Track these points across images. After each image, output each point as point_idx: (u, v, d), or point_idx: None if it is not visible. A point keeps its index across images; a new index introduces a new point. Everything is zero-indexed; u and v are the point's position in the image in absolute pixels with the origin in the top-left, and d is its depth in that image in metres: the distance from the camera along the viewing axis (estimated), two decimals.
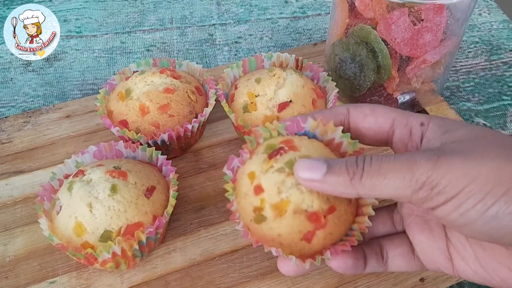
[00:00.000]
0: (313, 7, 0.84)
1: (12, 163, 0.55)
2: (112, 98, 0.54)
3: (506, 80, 0.68)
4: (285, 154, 0.34)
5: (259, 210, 0.33)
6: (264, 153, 0.35)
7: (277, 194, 0.32)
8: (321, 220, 0.32)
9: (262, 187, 0.33)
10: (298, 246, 0.33)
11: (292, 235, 0.32)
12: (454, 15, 0.52)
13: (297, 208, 0.32)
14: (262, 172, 0.33)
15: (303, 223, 0.32)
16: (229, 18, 0.81)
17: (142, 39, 0.77)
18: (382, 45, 0.52)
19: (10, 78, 0.70)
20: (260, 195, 0.33)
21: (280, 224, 0.32)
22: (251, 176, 0.34)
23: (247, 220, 0.33)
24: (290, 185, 0.32)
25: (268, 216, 0.32)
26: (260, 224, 0.33)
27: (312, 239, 0.33)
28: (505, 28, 0.78)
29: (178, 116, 0.52)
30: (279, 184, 0.32)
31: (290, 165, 0.33)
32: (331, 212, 0.33)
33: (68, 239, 0.41)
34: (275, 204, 0.32)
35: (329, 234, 0.33)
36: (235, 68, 0.57)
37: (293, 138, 0.35)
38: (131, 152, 0.49)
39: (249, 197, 0.33)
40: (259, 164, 0.34)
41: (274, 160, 0.33)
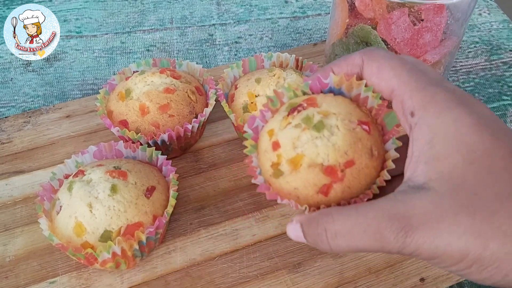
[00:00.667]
0: (313, 7, 0.84)
1: (12, 163, 0.55)
2: (112, 98, 0.54)
3: (506, 80, 0.68)
4: (304, 110, 0.34)
5: (277, 165, 0.33)
6: (285, 111, 0.35)
7: (292, 149, 0.33)
8: (338, 173, 0.32)
9: (279, 142, 0.33)
10: (314, 199, 0.33)
11: (307, 188, 0.32)
12: (454, 15, 0.52)
13: (312, 162, 0.32)
14: (280, 129, 0.34)
15: (318, 176, 0.32)
16: (229, 18, 0.81)
17: (142, 39, 0.77)
18: (382, 45, 0.52)
19: (10, 78, 0.70)
20: (277, 150, 0.33)
21: (296, 178, 0.32)
22: (270, 133, 0.34)
23: (267, 176, 0.34)
24: (305, 140, 0.32)
25: (285, 170, 0.33)
26: (278, 178, 0.33)
27: (329, 193, 0.32)
28: (505, 28, 0.78)
29: (178, 116, 0.52)
30: (294, 140, 0.33)
31: (306, 120, 0.33)
32: (349, 166, 0.32)
33: (68, 239, 0.41)
34: (291, 159, 0.32)
35: (347, 188, 0.32)
36: (235, 68, 0.57)
37: (317, 96, 0.35)
38: (131, 152, 0.49)
39: (267, 153, 0.34)
40: (278, 121, 0.34)
41: (292, 117, 0.34)
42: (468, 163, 0.26)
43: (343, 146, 0.32)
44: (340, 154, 0.32)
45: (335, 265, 0.46)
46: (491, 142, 0.26)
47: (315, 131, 0.33)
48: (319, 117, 0.33)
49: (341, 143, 0.32)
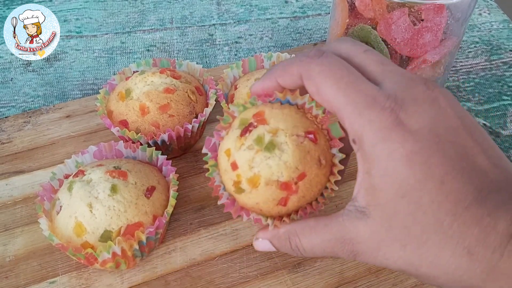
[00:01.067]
0: (313, 7, 0.84)
1: (12, 163, 0.55)
2: (112, 98, 0.54)
3: (506, 80, 0.68)
4: (254, 129, 0.37)
5: (238, 183, 0.36)
6: (238, 128, 0.38)
7: (249, 169, 0.36)
8: (292, 187, 0.36)
9: (237, 163, 0.36)
10: (275, 210, 0.37)
11: (268, 202, 0.36)
12: (454, 15, 0.52)
13: (268, 180, 0.35)
14: (236, 150, 0.37)
15: (275, 192, 0.36)
16: (229, 18, 0.81)
17: (142, 39, 0.77)
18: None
19: (10, 78, 0.70)
20: (236, 171, 0.36)
21: (257, 194, 0.36)
22: (228, 153, 0.37)
23: (230, 191, 0.37)
24: (259, 161, 0.35)
25: (246, 188, 0.36)
26: (241, 194, 0.37)
27: (287, 203, 0.36)
28: (505, 28, 0.78)
29: (178, 116, 0.51)
30: (250, 161, 0.36)
31: (258, 141, 0.36)
32: (301, 179, 0.36)
33: (68, 239, 0.41)
34: (249, 178, 0.36)
35: (302, 197, 0.36)
36: (235, 68, 0.57)
37: (265, 109, 0.37)
38: (131, 152, 0.49)
39: (228, 172, 0.37)
40: (233, 141, 0.37)
41: (245, 138, 0.37)
42: (400, 196, 0.28)
43: (293, 162, 0.35)
44: (292, 170, 0.35)
45: (335, 265, 0.46)
46: (422, 174, 0.28)
47: (267, 152, 0.36)
48: (269, 137, 0.36)
49: (291, 160, 0.35)
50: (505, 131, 0.61)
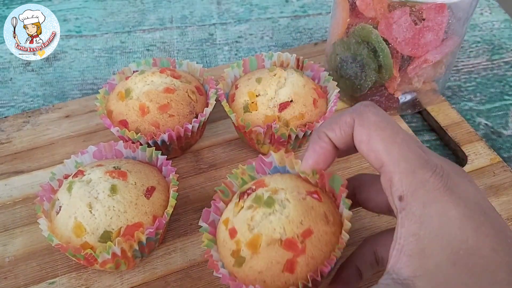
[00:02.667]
0: (314, 6, 0.84)
1: (11, 163, 0.55)
2: (112, 98, 0.54)
3: (508, 79, 0.68)
4: (253, 192, 0.34)
5: (237, 253, 0.32)
6: (237, 198, 0.35)
7: (249, 231, 0.32)
8: (298, 245, 0.31)
9: (235, 229, 0.33)
10: (281, 279, 0.32)
11: (271, 268, 0.31)
12: (456, 14, 0.52)
13: (270, 239, 0.31)
14: (234, 216, 0.34)
15: (279, 253, 0.31)
16: (229, 17, 0.81)
17: (142, 39, 0.77)
18: (383, 45, 0.52)
19: (9, 78, 0.70)
20: (235, 237, 0.33)
21: (258, 260, 0.32)
22: (226, 222, 0.34)
23: (230, 268, 0.33)
24: (259, 218, 0.32)
25: (246, 256, 0.32)
26: (242, 267, 0.32)
27: (295, 268, 0.31)
28: (506, 27, 0.77)
29: (178, 116, 0.51)
30: (249, 221, 0.32)
31: (257, 200, 0.33)
32: (308, 236, 0.32)
33: (67, 240, 0.41)
34: (249, 241, 0.32)
35: (311, 258, 0.32)
36: (235, 67, 0.57)
37: (264, 178, 0.36)
38: (131, 152, 0.49)
39: (226, 243, 0.33)
40: (231, 209, 0.35)
41: (243, 201, 0.34)
42: (451, 263, 0.26)
43: (296, 216, 0.32)
44: (295, 224, 0.32)
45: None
46: (474, 239, 0.27)
47: (267, 207, 0.32)
48: (268, 194, 0.33)
49: (294, 213, 0.32)
50: (507, 131, 0.61)
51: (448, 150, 0.58)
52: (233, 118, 0.51)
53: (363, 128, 0.31)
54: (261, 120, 0.51)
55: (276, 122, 0.50)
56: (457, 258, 0.26)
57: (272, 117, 0.50)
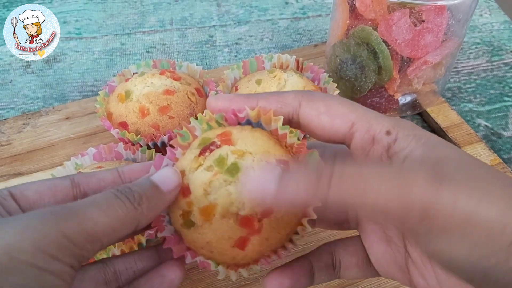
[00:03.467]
0: (314, 8, 0.84)
1: (11, 165, 0.55)
2: (111, 99, 0.54)
3: (507, 81, 0.68)
4: (217, 149, 0.30)
5: (187, 215, 0.29)
6: (197, 148, 0.31)
7: (204, 196, 0.29)
8: (255, 224, 0.28)
9: (190, 188, 0.29)
10: (230, 254, 0.29)
11: (221, 241, 0.29)
12: (455, 16, 0.52)
13: (226, 212, 0.28)
14: (191, 171, 0.30)
15: (232, 228, 0.28)
16: (229, 19, 0.81)
17: (142, 41, 0.77)
18: (383, 46, 0.52)
19: (9, 80, 0.70)
20: (188, 197, 0.29)
21: (209, 230, 0.29)
22: (182, 176, 0.30)
23: (177, 225, 0.30)
24: (217, 185, 0.29)
25: (197, 221, 0.29)
26: (190, 229, 0.29)
27: (246, 246, 0.29)
28: (506, 29, 0.78)
29: (178, 118, 0.51)
30: (206, 186, 0.29)
31: (219, 162, 0.29)
32: (267, 215, 0.29)
33: None
34: (203, 208, 0.29)
35: (265, 240, 0.29)
36: (235, 69, 0.57)
37: (233, 130, 0.31)
38: (131, 154, 0.49)
39: (177, 199, 0.30)
40: (189, 161, 0.30)
41: (204, 158, 0.30)
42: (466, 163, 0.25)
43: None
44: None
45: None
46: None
47: (229, 176, 0.29)
48: (233, 158, 0.29)
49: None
50: (507, 132, 0.61)
51: None
52: None
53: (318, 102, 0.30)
54: None
55: None
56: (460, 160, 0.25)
57: None
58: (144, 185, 0.29)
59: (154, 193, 0.28)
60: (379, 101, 0.58)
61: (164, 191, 0.29)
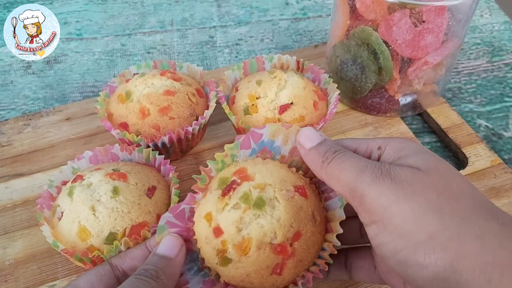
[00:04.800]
0: (314, 8, 0.84)
1: (12, 166, 0.55)
2: (112, 100, 0.54)
3: (508, 81, 0.68)
4: (239, 187, 0.33)
5: (223, 253, 0.31)
6: (218, 189, 0.34)
7: (237, 232, 0.31)
8: (288, 249, 0.31)
9: (221, 228, 0.32)
10: (269, 281, 0.31)
11: (260, 271, 0.31)
12: (456, 16, 0.52)
13: (260, 244, 0.31)
14: (218, 212, 0.32)
15: (269, 257, 0.31)
16: (229, 20, 0.81)
17: (142, 41, 0.77)
18: (384, 47, 0.52)
19: (10, 80, 0.70)
20: (221, 236, 0.32)
21: (247, 263, 0.31)
22: (208, 218, 0.33)
23: (213, 265, 0.32)
24: (248, 221, 0.31)
25: (233, 257, 0.31)
26: (227, 266, 0.31)
27: (283, 271, 0.31)
28: (506, 29, 0.78)
29: (179, 119, 0.51)
30: (237, 223, 0.31)
31: (245, 199, 0.32)
32: (297, 239, 0.32)
33: (72, 244, 0.41)
34: (237, 244, 0.31)
35: (299, 261, 0.32)
36: (236, 70, 0.57)
37: (246, 166, 0.34)
38: (127, 154, 0.49)
39: (210, 240, 0.32)
40: (214, 203, 0.33)
41: (228, 197, 0.32)
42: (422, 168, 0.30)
43: (287, 219, 0.32)
44: (286, 228, 0.31)
45: None
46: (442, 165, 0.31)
47: (257, 210, 0.31)
48: (257, 193, 0.32)
49: (285, 216, 0.32)
50: (507, 133, 0.61)
51: (448, 152, 0.58)
52: (234, 121, 0.51)
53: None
54: (262, 122, 0.51)
55: None
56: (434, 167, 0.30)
57: (272, 119, 0.50)
58: (155, 261, 0.33)
59: (165, 263, 0.33)
60: (379, 101, 0.58)
61: (172, 257, 0.33)
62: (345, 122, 0.60)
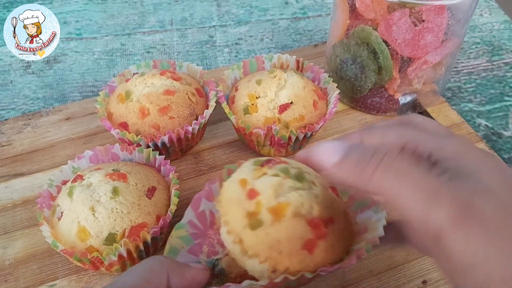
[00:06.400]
0: (314, 8, 0.84)
1: (11, 165, 0.55)
2: (112, 100, 0.54)
3: (507, 81, 0.68)
4: (277, 164, 0.32)
5: (254, 215, 0.30)
6: (254, 164, 0.33)
7: (274, 196, 0.30)
8: (322, 228, 0.30)
9: (257, 190, 0.30)
10: (298, 256, 0.30)
11: (292, 241, 0.29)
12: (455, 15, 0.52)
13: (297, 212, 0.29)
14: (254, 179, 0.31)
15: (304, 228, 0.29)
16: (229, 19, 0.81)
17: (142, 41, 0.77)
18: (383, 46, 0.52)
19: (10, 80, 0.70)
20: (255, 198, 0.30)
21: (279, 229, 0.29)
22: (243, 183, 0.31)
23: (238, 228, 0.30)
24: (287, 188, 0.30)
25: (265, 220, 0.29)
26: (256, 230, 0.30)
27: (314, 250, 0.30)
28: (506, 28, 0.78)
29: (179, 118, 0.51)
30: (276, 187, 0.30)
31: (285, 171, 0.31)
32: (330, 223, 0.30)
33: (72, 245, 0.41)
34: (273, 207, 0.29)
35: (331, 246, 0.30)
36: (235, 69, 0.57)
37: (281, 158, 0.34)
38: (127, 154, 0.49)
39: (242, 202, 0.30)
40: (249, 172, 0.32)
41: (268, 167, 0.31)
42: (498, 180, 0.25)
43: (324, 200, 0.30)
44: (322, 208, 0.30)
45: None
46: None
47: (297, 181, 0.31)
48: (296, 170, 0.31)
49: (322, 197, 0.30)
50: (507, 132, 0.61)
51: None
52: (233, 120, 0.51)
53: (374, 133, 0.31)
54: (261, 122, 0.51)
55: (276, 124, 0.50)
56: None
57: (272, 119, 0.50)
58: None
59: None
60: (379, 101, 0.58)
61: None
62: (345, 121, 0.60)
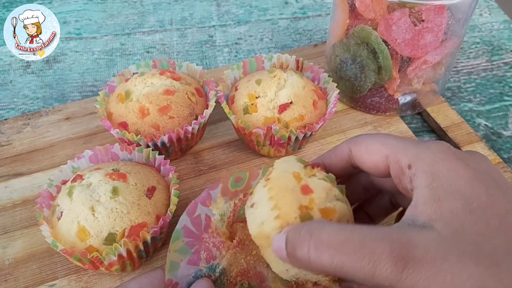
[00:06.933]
0: (314, 7, 0.84)
1: (11, 165, 0.55)
2: (111, 100, 0.54)
3: (507, 80, 0.68)
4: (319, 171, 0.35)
5: (307, 209, 0.31)
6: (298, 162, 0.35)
7: (326, 200, 0.32)
8: None
9: (311, 188, 0.33)
10: None
11: None
12: (455, 15, 0.52)
13: (340, 221, 0.32)
14: (306, 176, 0.34)
15: None
16: (229, 19, 0.81)
17: (141, 41, 0.77)
18: (383, 46, 0.52)
19: (9, 80, 0.70)
20: (309, 195, 0.32)
21: None
22: (297, 177, 0.33)
23: (290, 217, 0.31)
24: (334, 196, 0.33)
25: (315, 218, 0.31)
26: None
27: None
28: (506, 28, 0.78)
29: (178, 118, 0.51)
30: (328, 190, 0.33)
31: (331, 179, 0.34)
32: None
33: (71, 244, 0.41)
34: (324, 209, 0.32)
35: None
36: (235, 69, 0.57)
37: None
38: (127, 154, 0.49)
39: (295, 192, 0.32)
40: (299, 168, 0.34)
41: (317, 170, 0.35)
42: (467, 211, 0.26)
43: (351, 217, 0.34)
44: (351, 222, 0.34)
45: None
46: (487, 197, 0.27)
47: (340, 193, 0.34)
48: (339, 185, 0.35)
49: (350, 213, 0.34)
50: (507, 132, 0.61)
51: None
52: (233, 120, 0.51)
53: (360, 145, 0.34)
54: (261, 121, 0.51)
55: (276, 123, 0.50)
56: (472, 208, 0.26)
57: (272, 118, 0.50)
58: None
59: None
60: (379, 100, 0.58)
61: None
62: (344, 121, 0.60)
